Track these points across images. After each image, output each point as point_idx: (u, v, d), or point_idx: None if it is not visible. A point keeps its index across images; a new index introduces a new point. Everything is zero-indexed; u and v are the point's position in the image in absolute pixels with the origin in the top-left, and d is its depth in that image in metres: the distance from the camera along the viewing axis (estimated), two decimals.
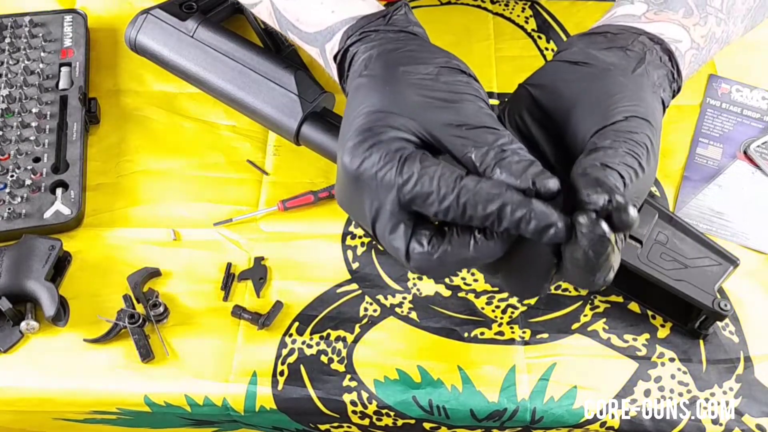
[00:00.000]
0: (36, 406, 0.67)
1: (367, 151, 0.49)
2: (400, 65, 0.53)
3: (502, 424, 0.66)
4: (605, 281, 0.47)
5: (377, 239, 0.51)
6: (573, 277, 0.48)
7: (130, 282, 0.70)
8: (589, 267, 0.46)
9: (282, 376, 0.66)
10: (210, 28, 0.77)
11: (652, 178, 0.52)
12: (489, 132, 0.49)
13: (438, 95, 0.51)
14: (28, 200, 0.74)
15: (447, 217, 0.47)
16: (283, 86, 0.73)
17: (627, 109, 0.52)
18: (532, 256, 0.49)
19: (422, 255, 0.48)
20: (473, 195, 0.45)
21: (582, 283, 0.48)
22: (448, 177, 0.46)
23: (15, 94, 0.80)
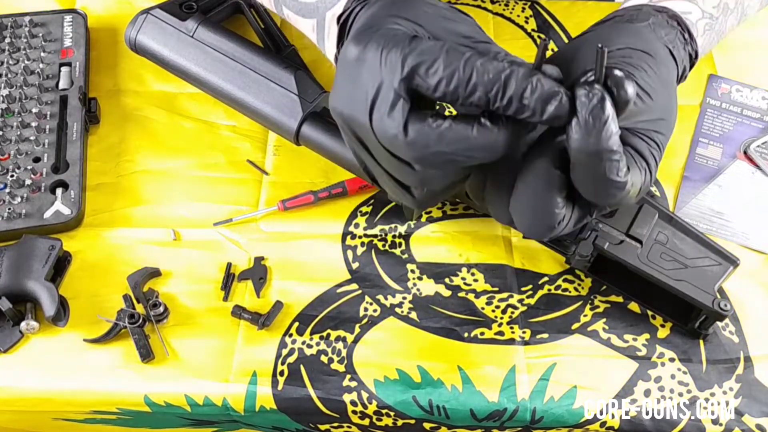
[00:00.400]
0: (36, 406, 0.67)
1: (374, 34, 0.47)
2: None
3: (502, 424, 0.66)
4: (618, 176, 0.46)
5: (375, 130, 0.47)
6: (584, 181, 0.47)
7: (130, 282, 0.70)
8: (594, 151, 0.45)
9: (282, 376, 0.66)
10: (210, 28, 0.77)
11: (658, 108, 0.52)
12: (493, 46, 0.49)
13: (446, 14, 0.50)
14: (28, 200, 0.74)
15: (450, 90, 0.45)
16: (283, 86, 0.74)
17: (624, 42, 0.52)
18: (537, 171, 0.48)
19: (422, 128, 0.45)
20: (480, 65, 0.44)
21: (595, 187, 0.47)
22: (455, 50, 0.45)
23: (15, 94, 0.80)
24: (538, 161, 0.48)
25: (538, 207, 0.49)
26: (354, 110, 0.48)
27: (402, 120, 0.46)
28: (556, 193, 0.49)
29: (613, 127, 0.45)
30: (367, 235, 0.74)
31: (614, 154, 0.46)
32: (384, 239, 0.74)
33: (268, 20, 0.84)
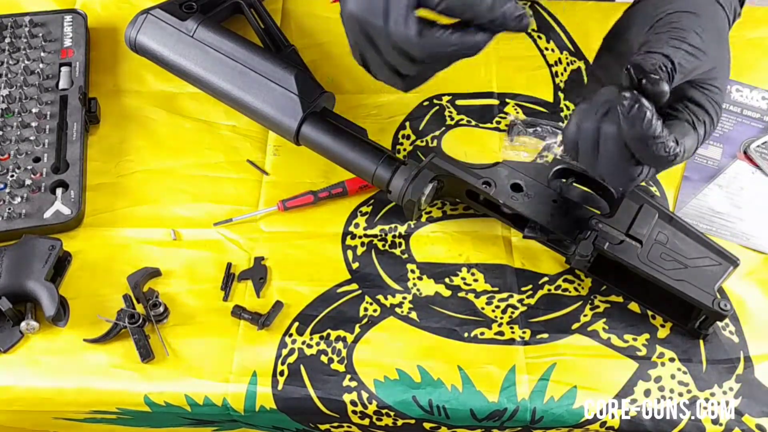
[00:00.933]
0: (36, 406, 0.67)
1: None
2: None
3: (502, 424, 0.66)
4: (665, 152, 0.55)
5: (390, 33, 0.57)
6: (643, 156, 0.57)
7: (130, 282, 0.70)
8: (639, 137, 0.55)
9: (282, 376, 0.66)
10: (210, 28, 0.77)
11: (710, 59, 0.58)
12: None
13: None
14: (28, 200, 0.74)
15: (448, 7, 0.56)
16: (283, 86, 0.74)
17: (671, 7, 0.59)
18: (609, 143, 0.58)
19: (431, 34, 0.57)
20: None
21: (652, 161, 0.57)
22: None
23: (15, 94, 0.80)
24: (610, 133, 0.58)
25: (618, 169, 0.59)
26: (370, 15, 0.58)
27: (416, 27, 0.57)
28: (627, 158, 0.58)
29: (651, 119, 0.54)
30: (367, 235, 0.74)
31: (658, 138, 0.55)
32: (384, 239, 0.74)
33: (268, 20, 0.84)
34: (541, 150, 0.79)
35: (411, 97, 0.83)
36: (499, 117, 0.82)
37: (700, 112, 0.59)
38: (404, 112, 0.82)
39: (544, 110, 0.82)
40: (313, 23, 0.89)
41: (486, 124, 0.81)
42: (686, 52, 0.56)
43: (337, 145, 0.72)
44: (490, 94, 0.83)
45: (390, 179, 0.71)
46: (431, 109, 0.83)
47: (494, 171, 0.71)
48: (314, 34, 0.88)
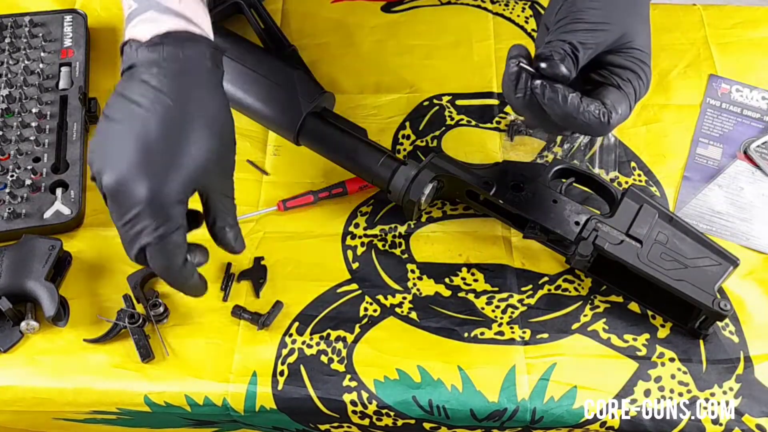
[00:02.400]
0: (36, 406, 0.67)
1: None
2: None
3: (502, 424, 0.66)
4: (594, 118, 0.60)
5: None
6: (561, 120, 0.61)
7: (130, 282, 0.70)
8: (563, 116, 0.60)
9: (282, 376, 0.66)
10: None
11: (618, 25, 0.61)
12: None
13: None
14: (28, 200, 0.74)
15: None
16: (283, 86, 0.73)
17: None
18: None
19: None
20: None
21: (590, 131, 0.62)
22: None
23: (15, 94, 0.80)
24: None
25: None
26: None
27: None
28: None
29: (567, 97, 0.59)
30: (367, 235, 0.74)
31: (580, 111, 0.59)
32: (384, 239, 0.74)
33: (268, 20, 0.83)
34: (541, 150, 0.79)
35: (411, 97, 0.83)
36: (499, 117, 0.82)
37: (624, 72, 0.62)
38: (404, 112, 0.82)
39: None
40: (313, 23, 0.89)
41: (486, 124, 0.81)
42: (584, 30, 0.60)
43: (337, 145, 0.72)
44: (490, 94, 0.83)
45: (390, 179, 0.71)
46: (431, 109, 0.83)
47: (494, 171, 0.71)
48: (314, 34, 0.88)
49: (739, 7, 0.90)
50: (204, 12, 0.62)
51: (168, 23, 0.58)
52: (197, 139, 0.56)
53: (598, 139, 0.80)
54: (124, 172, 0.54)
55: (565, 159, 0.77)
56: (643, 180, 0.78)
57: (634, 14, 0.64)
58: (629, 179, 0.78)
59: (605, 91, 0.62)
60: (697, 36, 0.88)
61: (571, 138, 0.80)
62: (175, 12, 0.59)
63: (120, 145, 0.54)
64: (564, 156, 0.79)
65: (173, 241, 0.55)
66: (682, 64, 0.86)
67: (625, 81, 0.62)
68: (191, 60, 0.57)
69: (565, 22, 0.61)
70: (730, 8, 0.90)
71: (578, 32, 0.60)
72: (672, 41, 0.87)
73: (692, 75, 0.85)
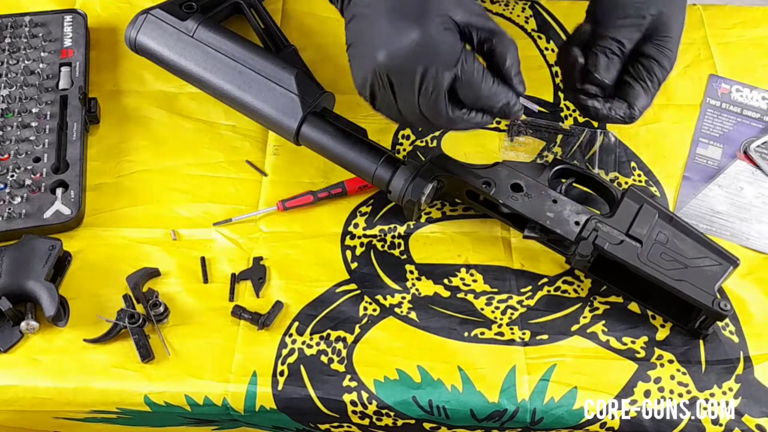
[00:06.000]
0: (36, 406, 0.67)
1: (429, 35, 0.59)
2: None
3: (502, 425, 0.66)
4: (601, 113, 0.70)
5: (421, 107, 0.61)
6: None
7: (129, 282, 0.70)
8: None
9: (282, 376, 0.66)
10: (210, 28, 0.77)
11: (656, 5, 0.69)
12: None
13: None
14: (28, 200, 0.74)
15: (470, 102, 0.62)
16: (283, 86, 0.73)
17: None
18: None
19: (457, 114, 0.62)
20: (492, 96, 0.62)
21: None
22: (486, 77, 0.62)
23: (15, 94, 0.80)
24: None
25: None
26: (405, 78, 0.60)
27: (448, 107, 0.61)
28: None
29: (591, 112, 0.70)
30: (366, 235, 0.74)
31: (606, 118, 0.70)
32: (383, 239, 0.74)
33: (268, 20, 0.84)
34: (541, 150, 0.79)
35: None
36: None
37: (653, 66, 0.69)
38: None
39: (544, 110, 0.82)
40: (313, 23, 0.89)
41: None
42: (630, 26, 0.68)
43: (337, 145, 0.72)
44: None
45: (390, 179, 0.71)
46: None
47: (494, 171, 0.71)
48: (314, 34, 0.88)
49: (739, 7, 0.90)
50: None
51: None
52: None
53: (598, 139, 0.80)
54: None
55: (565, 159, 0.77)
56: (643, 180, 0.78)
57: (673, 2, 0.69)
58: (629, 179, 0.78)
59: (632, 91, 0.69)
60: (697, 36, 0.88)
61: (571, 138, 0.80)
62: None
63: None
64: (564, 156, 0.79)
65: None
66: (682, 64, 0.86)
67: (652, 76, 0.69)
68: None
69: (612, 16, 0.69)
70: (730, 8, 0.90)
71: (624, 29, 0.68)
72: None
73: (692, 75, 0.85)
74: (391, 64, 0.59)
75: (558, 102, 0.83)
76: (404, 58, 0.59)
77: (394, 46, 0.59)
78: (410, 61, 0.59)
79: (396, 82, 0.60)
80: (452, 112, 0.61)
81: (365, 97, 0.64)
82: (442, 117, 0.61)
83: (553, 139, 0.80)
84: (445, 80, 0.59)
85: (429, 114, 0.61)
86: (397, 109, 0.63)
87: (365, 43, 0.61)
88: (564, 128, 0.81)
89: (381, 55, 0.59)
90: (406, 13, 0.59)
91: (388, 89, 0.61)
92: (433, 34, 0.58)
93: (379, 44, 0.59)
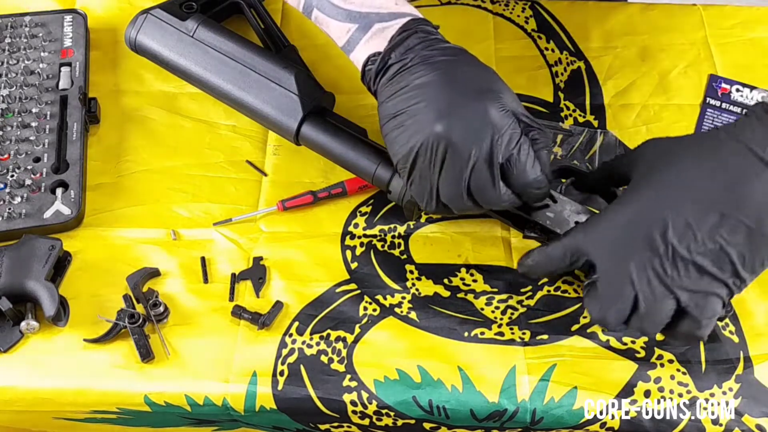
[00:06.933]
0: (36, 406, 0.67)
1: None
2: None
3: (502, 425, 0.66)
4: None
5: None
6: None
7: (129, 282, 0.70)
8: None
9: (282, 376, 0.66)
10: (210, 28, 0.77)
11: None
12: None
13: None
14: (28, 200, 0.74)
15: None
16: (283, 86, 0.73)
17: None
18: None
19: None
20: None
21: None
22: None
23: (15, 94, 0.80)
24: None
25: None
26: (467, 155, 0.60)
27: (498, 184, 0.61)
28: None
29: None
30: (367, 235, 0.74)
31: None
32: (383, 239, 0.74)
33: (267, 20, 0.84)
34: None
35: None
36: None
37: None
38: None
39: (544, 110, 0.82)
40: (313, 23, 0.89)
41: None
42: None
43: (337, 145, 0.72)
44: None
45: (390, 179, 0.70)
46: None
47: None
48: (314, 34, 0.88)
49: (739, 7, 0.90)
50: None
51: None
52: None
53: (598, 139, 0.80)
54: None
55: (565, 159, 0.77)
56: None
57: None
58: None
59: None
60: (697, 36, 0.88)
61: (571, 138, 0.80)
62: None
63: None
64: (564, 156, 0.79)
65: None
66: (682, 64, 0.86)
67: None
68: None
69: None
70: (730, 8, 0.90)
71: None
72: (672, 41, 0.87)
73: (692, 75, 0.85)
74: (449, 134, 0.59)
75: (558, 102, 0.83)
76: (464, 129, 0.59)
77: (454, 117, 0.59)
78: (470, 132, 0.59)
79: (451, 153, 0.59)
80: (502, 190, 0.61)
81: (403, 167, 0.63)
82: (491, 193, 0.61)
83: (554, 139, 0.80)
84: (502, 157, 0.60)
85: (476, 189, 0.61)
86: (432, 186, 0.62)
87: (418, 113, 0.60)
88: (564, 128, 0.81)
89: (439, 125, 0.59)
90: (466, 91, 0.60)
91: (437, 162, 0.60)
92: (494, 112, 0.59)
93: (436, 115, 0.59)
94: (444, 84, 0.61)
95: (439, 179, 0.61)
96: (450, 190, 0.61)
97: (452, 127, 0.59)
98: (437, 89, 0.60)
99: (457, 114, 0.59)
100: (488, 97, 0.60)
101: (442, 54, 0.63)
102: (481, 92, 0.60)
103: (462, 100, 0.60)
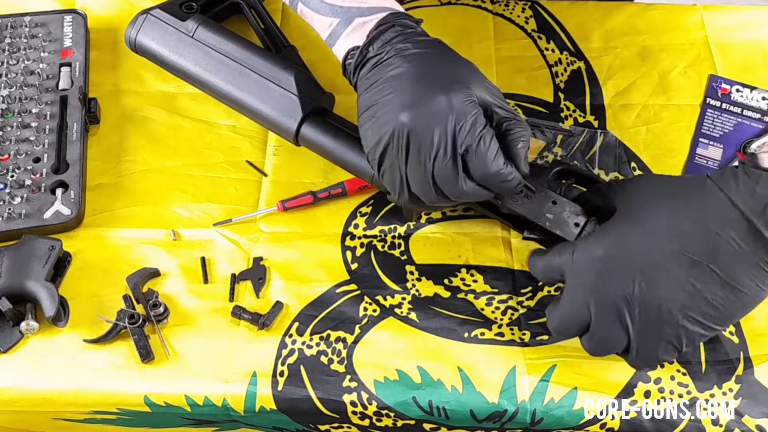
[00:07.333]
0: (36, 406, 0.67)
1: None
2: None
3: (502, 426, 0.66)
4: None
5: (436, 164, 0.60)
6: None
7: (129, 282, 0.70)
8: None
9: (282, 377, 0.66)
10: (210, 28, 0.77)
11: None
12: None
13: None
14: (28, 200, 0.74)
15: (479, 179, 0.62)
16: (283, 86, 0.73)
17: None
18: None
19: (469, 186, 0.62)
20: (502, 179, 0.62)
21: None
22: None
23: (15, 94, 0.80)
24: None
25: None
26: (424, 141, 0.60)
27: (461, 174, 0.60)
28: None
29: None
30: (367, 235, 0.74)
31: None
32: (383, 240, 0.74)
33: (267, 20, 0.83)
34: (541, 150, 0.79)
35: None
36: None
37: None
38: None
39: (544, 110, 0.82)
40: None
41: None
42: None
43: (336, 145, 0.72)
44: None
45: None
46: None
47: None
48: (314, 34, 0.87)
49: (739, 7, 0.90)
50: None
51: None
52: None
53: (598, 140, 0.80)
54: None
55: (565, 160, 0.77)
56: None
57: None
58: None
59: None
60: (697, 36, 0.88)
61: (571, 138, 0.80)
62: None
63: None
64: (564, 157, 0.79)
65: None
66: (682, 64, 0.86)
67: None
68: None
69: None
70: (730, 8, 0.90)
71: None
72: (672, 41, 0.87)
73: (692, 75, 0.85)
74: (413, 123, 0.59)
75: (558, 102, 0.83)
76: (427, 119, 0.59)
77: (419, 108, 0.60)
78: (433, 122, 0.59)
79: (414, 142, 0.60)
80: (465, 181, 0.61)
81: (373, 158, 0.63)
82: (454, 184, 0.61)
83: (554, 140, 0.80)
84: (463, 146, 0.60)
85: (440, 180, 0.61)
86: (401, 176, 0.62)
87: (387, 104, 0.61)
88: (564, 128, 0.81)
89: (404, 115, 0.59)
90: (434, 83, 0.60)
91: (402, 151, 0.60)
92: (458, 103, 0.59)
93: (402, 105, 0.60)
94: (414, 76, 0.61)
95: (407, 169, 0.61)
96: (417, 180, 0.61)
97: (416, 116, 0.60)
98: (407, 81, 0.61)
99: (422, 104, 0.60)
100: (454, 87, 0.60)
101: (417, 47, 0.63)
102: (449, 83, 0.60)
103: (430, 90, 0.60)
